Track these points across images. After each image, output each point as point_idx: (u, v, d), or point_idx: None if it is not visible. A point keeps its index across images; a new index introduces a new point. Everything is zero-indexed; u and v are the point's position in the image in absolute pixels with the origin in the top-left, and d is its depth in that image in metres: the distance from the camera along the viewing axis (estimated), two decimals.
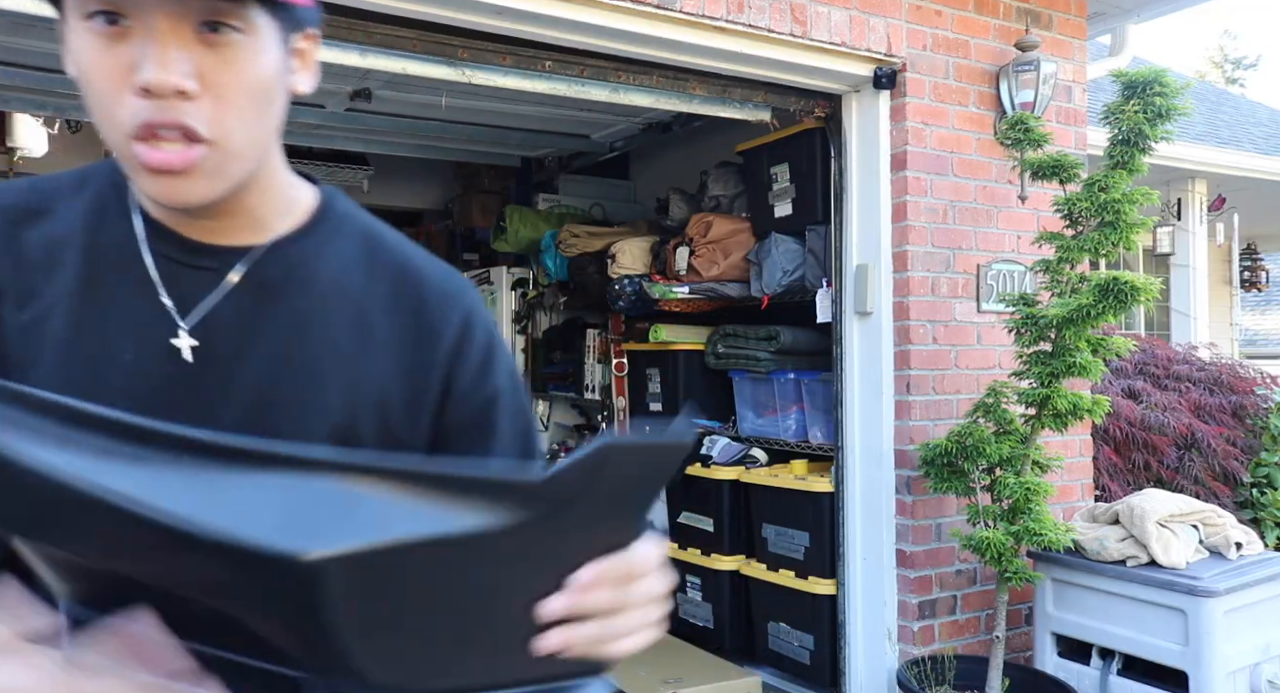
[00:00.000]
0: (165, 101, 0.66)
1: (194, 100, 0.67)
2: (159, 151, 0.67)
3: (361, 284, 0.80)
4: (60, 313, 0.72)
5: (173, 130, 0.67)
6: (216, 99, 0.68)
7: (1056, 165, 2.73)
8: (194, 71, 0.66)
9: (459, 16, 2.45)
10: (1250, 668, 2.65)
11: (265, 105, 0.71)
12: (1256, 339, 11.45)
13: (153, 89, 0.65)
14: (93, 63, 0.67)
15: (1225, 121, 7.28)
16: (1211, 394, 4.24)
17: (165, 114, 0.66)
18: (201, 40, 0.67)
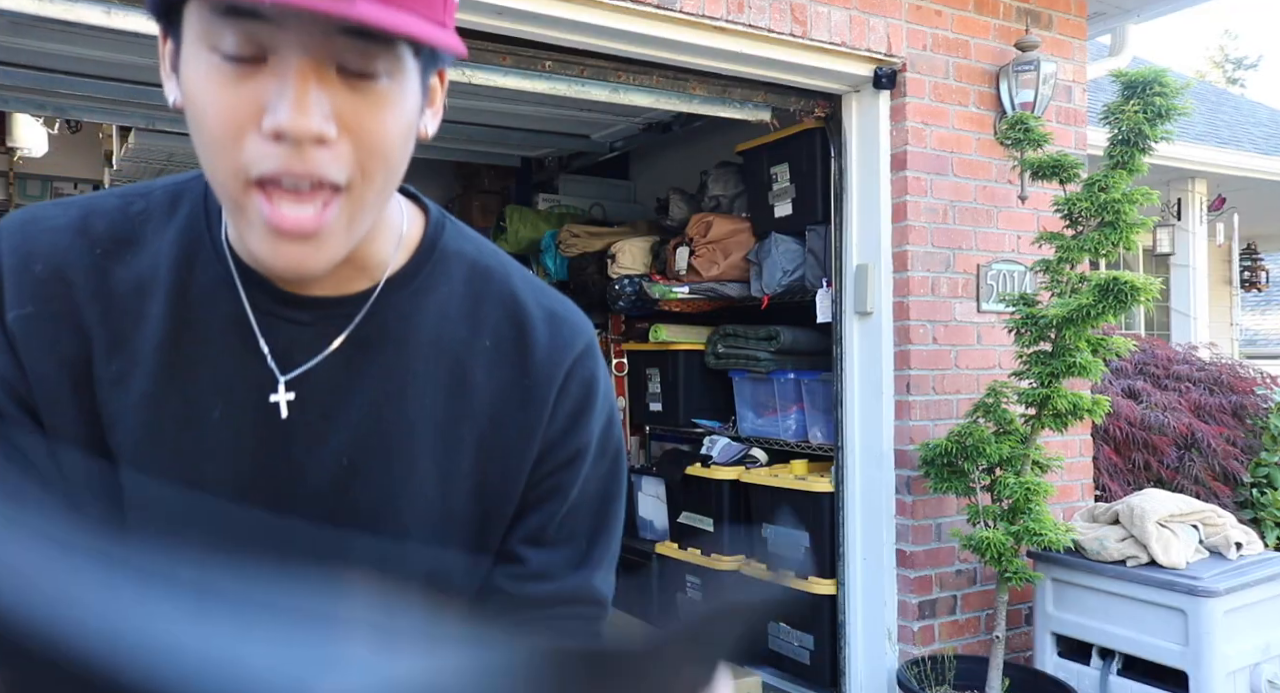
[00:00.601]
0: (300, 150, 0.58)
1: (331, 148, 0.58)
2: (289, 212, 0.59)
3: (464, 335, 0.73)
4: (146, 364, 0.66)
5: (304, 181, 0.58)
6: (357, 143, 0.60)
7: (1056, 165, 2.73)
8: (334, 114, 0.58)
9: (459, 16, 2.44)
10: (1250, 668, 2.65)
11: (404, 155, 0.64)
12: (1256, 339, 11.45)
13: (289, 134, 0.57)
14: (214, 98, 0.58)
15: (1225, 121, 7.28)
16: (1211, 394, 4.24)
17: (298, 164, 0.58)
18: (344, 83, 0.59)
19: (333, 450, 0.68)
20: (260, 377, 0.67)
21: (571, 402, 0.74)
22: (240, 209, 0.60)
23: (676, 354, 4.07)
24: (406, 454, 0.70)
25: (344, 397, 0.69)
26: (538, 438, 0.73)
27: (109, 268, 0.67)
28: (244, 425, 0.67)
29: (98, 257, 0.67)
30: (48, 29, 2.79)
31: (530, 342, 0.74)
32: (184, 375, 0.67)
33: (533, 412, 0.73)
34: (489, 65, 2.71)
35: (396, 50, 0.60)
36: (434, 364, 0.71)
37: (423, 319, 0.72)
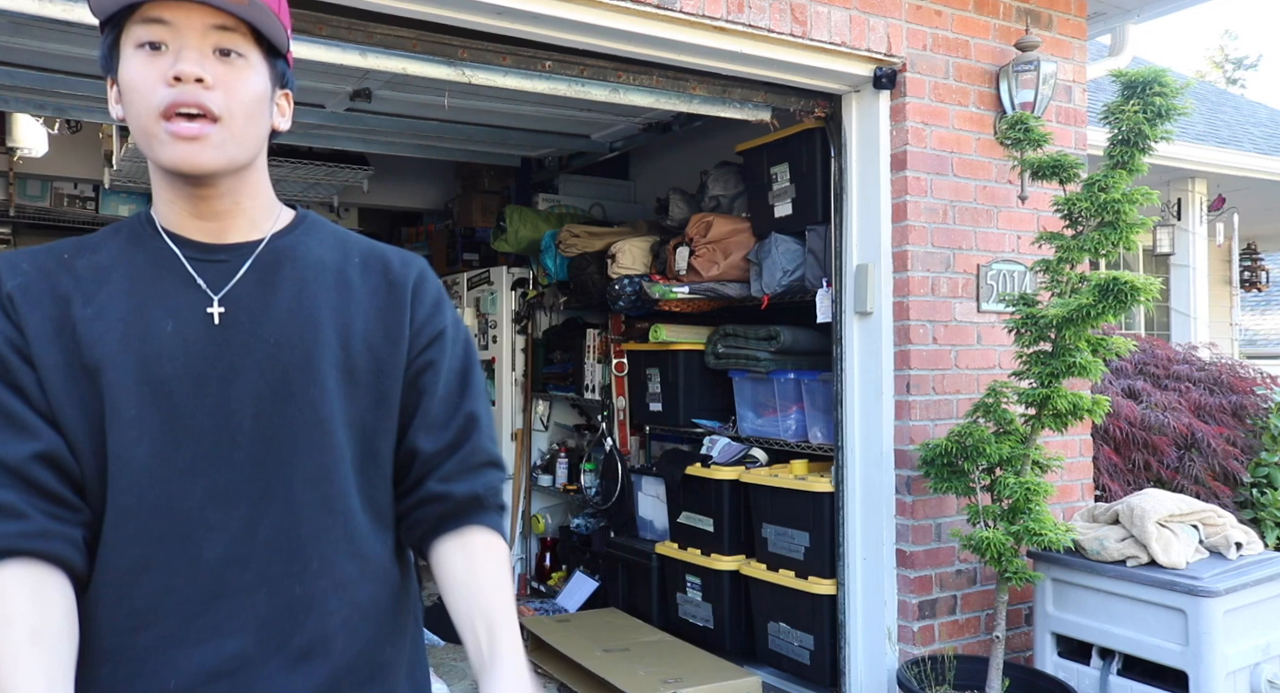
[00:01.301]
0: (188, 87, 0.93)
1: (209, 90, 0.94)
2: (183, 124, 0.94)
3: (339, 259, 1.08)
4: (116, 306, 0.98)
5: (191, 108, 0.93)
6: (225, 92, 0.95)
7: (1056, 165, 2.73)
8: (210, 73, 0.94)
9: (459, 16, 2.45)
10: (1250, 668, 2.65)
11: (257, 110, 1.00)
12: (1256, 339, 11.44)
13: (182, 76, 0.93)
14: (137, 72, 0.94)
15: (1225, 121, 7.28)
16: (1211, 394, 4.24)
17: (188, 95, 0.93)
18: (217, 58, 0.96)
19: (264, 340, 1.00)
20: (198, 299, 1.00)
21: (427, 297, 1.10)
22: (155, 136, 0.95)
23: (676, 354, 4.07)
24: (316, 331, 1.02)
25: (264, 305, 1.01)
26: (407, 320, 1.07)
27: (74, 263, 1.00)
28: (191, 334, 0.98)
29: (64, 260, 1.01)
30: (48, 29, 2.79)
31: (386, 259, 1.10)
32: (143, 307, 0.98)
33: (399, 299, 1.08)
34: (489, 65, 2.71)
35: (248, 42, 0.97)
36: (321, 274, 1.05)
37: (306, 251, 1.06)
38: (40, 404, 0.93)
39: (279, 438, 0.98)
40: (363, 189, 5.20)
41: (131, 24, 0.95)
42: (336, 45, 2.47)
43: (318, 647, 0.98)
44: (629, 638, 3.73)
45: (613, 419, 4.55)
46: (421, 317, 1.08)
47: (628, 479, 4.38)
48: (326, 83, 3.63)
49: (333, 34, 2.43)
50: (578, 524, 4.72)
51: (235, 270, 1.01)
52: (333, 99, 3.91)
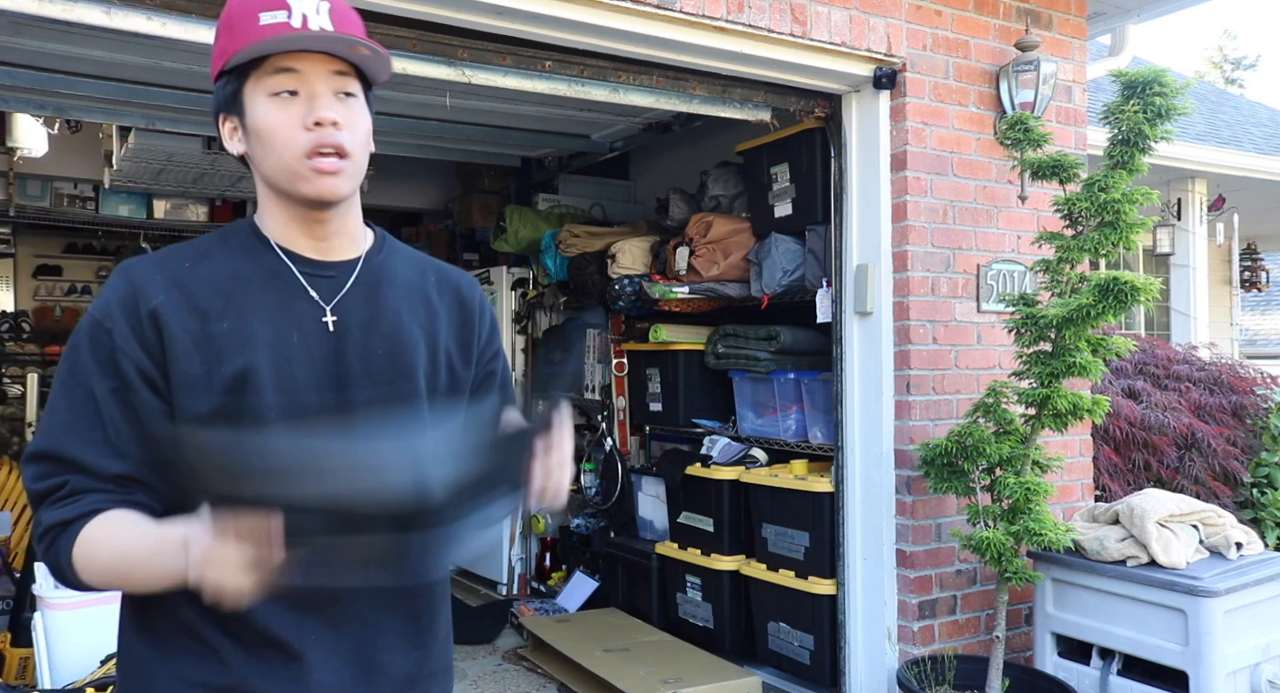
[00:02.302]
0: (327, 130, 1.07)
1: (340, 131, 1.08)
2: (326, 162, 1.07)
3: (420, 278, 1.23)
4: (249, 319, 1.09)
5: (330, 148, 1.07)
6: (350, 131, 1.09)
7: (1056, 165, 2.73)
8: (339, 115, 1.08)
9: (459, 16, 2.45)
10: (1250, 668, 2.65)
11: (368, 142, 1.15)
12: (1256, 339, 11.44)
13: (322, 122, 1.06)
14: (277, 118, 1.07)
15: (1225, 121, 7.28)
16: (1212, 394, 4.24)
17: (328, 138, 1.07)
18: (339, 100, 1.09)
19: (374, 347, 1.14)
20: (314, 310, 1.13)
21: (488, 318, 1.29)
22: (299, 173, 1.08)
23: (676, 354, 4.07)
24: (411, 342, 1.17)
25: (372, 319, 1.15)
26: (476, 338, 1.25)
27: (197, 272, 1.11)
28: (313, 342, 1.11)
29: (188, 269, 1.11)
30: (48, 29, 2.79)
31: (457, 281, 1.27)
32: (272, 318, 1.10)
33: (470, 320, 1.25)
34: (489, 65, 2.71)
35: (357, 83, 1.12)
36: (411, 293, 1.21)
37: (395, 270, 1.21)
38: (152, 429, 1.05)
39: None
40: (363, 189, 5.18)
41: (261, 73, 1.07)
42: None
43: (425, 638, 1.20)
44: (629, 638, 3.73)
45: (613, 419, 4.55)
46: (485, 336, 1.26)
47: (628, 479, 4.38)
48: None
49: None
50: (578, 524, 4.72)
51: (342, 285, 1.15)
52: None
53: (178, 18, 2.27)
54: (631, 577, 4.21)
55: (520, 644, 4.10)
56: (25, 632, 2.92)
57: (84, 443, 1.03)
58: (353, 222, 1.18)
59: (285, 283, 1.12)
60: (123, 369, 1.04)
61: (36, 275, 7.84)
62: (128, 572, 1.01)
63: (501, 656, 4.00)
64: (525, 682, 3.71)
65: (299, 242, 1.14)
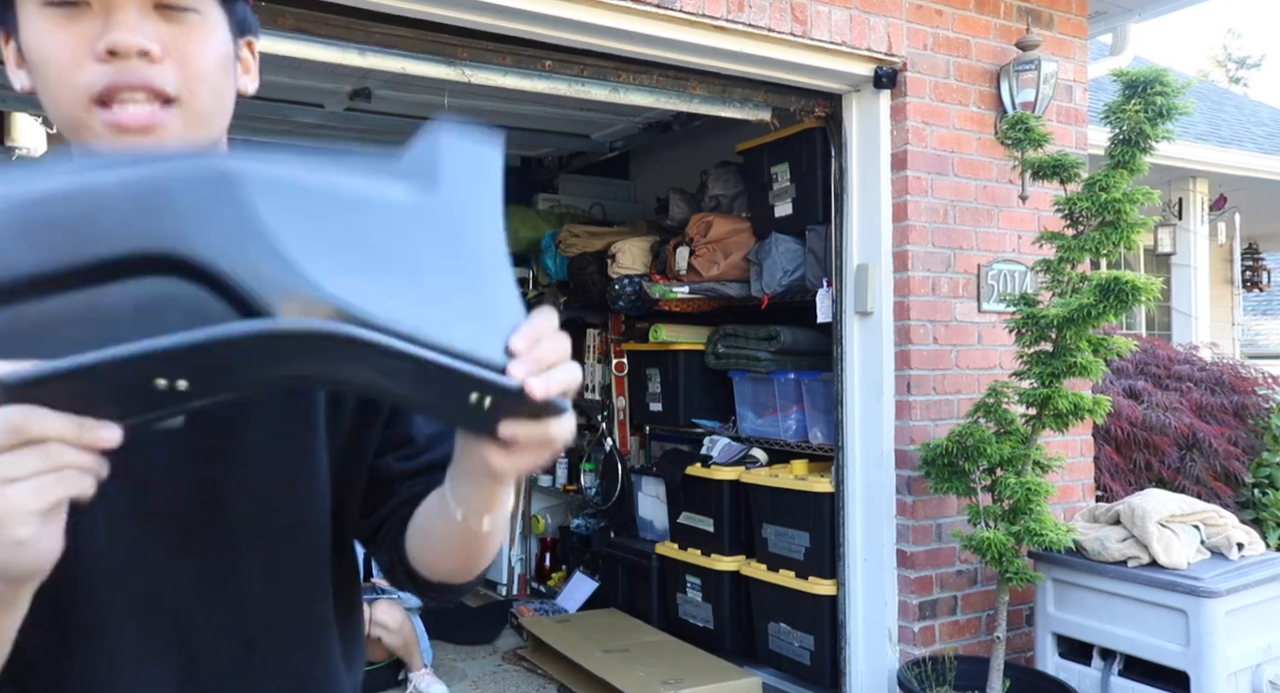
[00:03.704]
0: (129, 63, 0.68)
1: (158, 63, 0.69)
2: (129, 110, 0.68)
3: None
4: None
5: (139, 92, 0.68)
6: (181, 64, 0.70)
7: (1057, 165, 2.72)
8: (155, 37, 0.69)
9: (459, 16, 2.45)
10: (1252, 669, 2.64)
11: (223, 78, 0.74)
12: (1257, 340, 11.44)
13: (118, 50, 0.67)
14: (49, 40, 0.68)
15: (1226, 121, 7.27)
16: (1213, 394, 4.23)
17: (131, 75, 0.68)
18: (161, 15, 0.70)
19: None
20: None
21: None
22: (85, 126, 0.69)
23: (676, 354, 4.07)
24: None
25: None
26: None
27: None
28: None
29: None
30: None
31: None
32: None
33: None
34: (489, 65, 2.70)
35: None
36: None
37: None
38: None
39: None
40: None
41: None
42: (335, 45, 2.47)
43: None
44: (629, 639, 3.73)
45: (613, 419, 4.54)
46: None
47: (628, 479, 4.38)
48: (326, 82, 3.63)
49: (332, 33, 2.42)
50: (578, 524, 4.72)
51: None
52: (332, 99, 3.91)
53: None
54: (631, 577, 4.21)
55: (520, 645, 4.10)
56: None
57: None
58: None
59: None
60: None
61: None
62: None
63: (501, 656, 4.00)
64: (525, 683, 3.71)
65: None
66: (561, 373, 0.60)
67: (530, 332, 0.60)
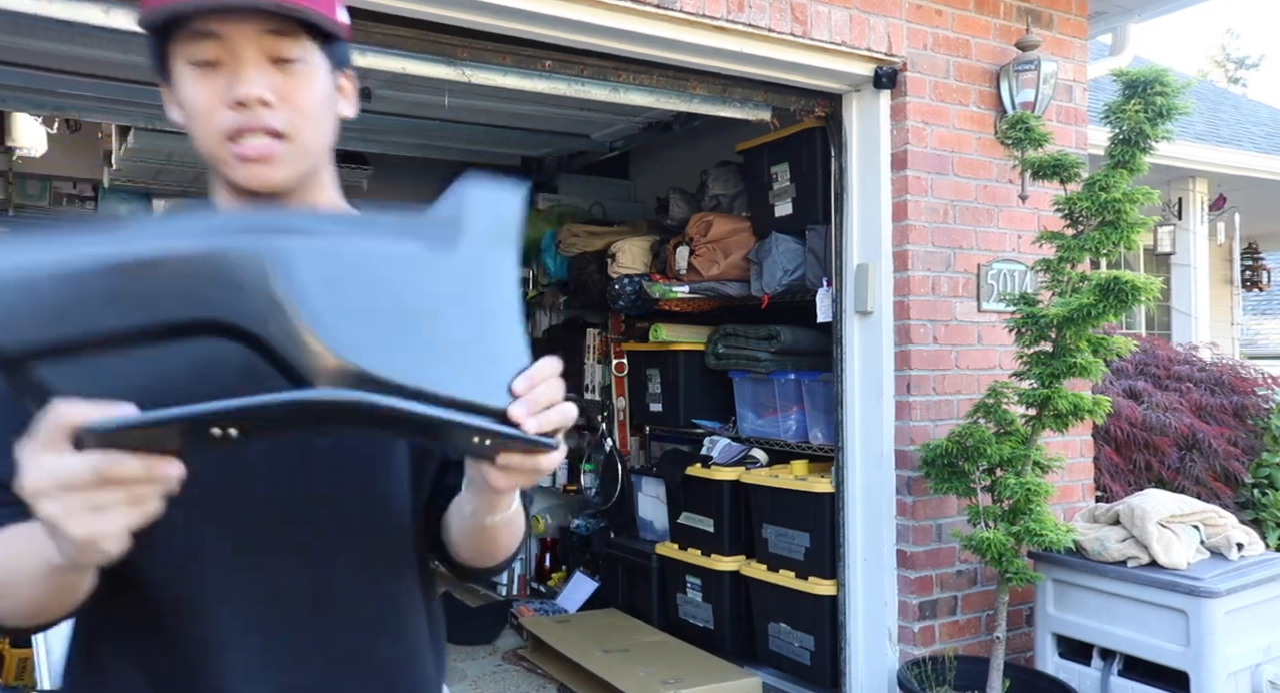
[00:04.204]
0: (251, 111, 0.87)
1: (273, 109, 0.88)
2: (249, 144, 0.88)
3: None
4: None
5: (257, 132, 0.88)
6: (290, 107, 0.90)
7: (1057, 165, 2.73)
8: (270, 88, 0.88)
9: (459, 16, 2.45)
10: (1251, 669, 2.64)
11: (323, 115, 0.94)
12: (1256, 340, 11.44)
13: (243, 100, 0.87)
14: (196, 94, 0.88)
15: (1226, 121, 7.28)
16: (1213, 394, 4.24)
17: (252, 120, 0.88)
18: (275, 67, 0.89)
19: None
20: None
21: None
22: (222, 158, 0.90)
23: (676, 354, 4.07)
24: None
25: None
26: None
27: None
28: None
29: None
30: (47, 28, 2.79)
31: None
32: None
33: None
34: (489, 65, 2.70)
35: (303, 41, 0.90)
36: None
37: None
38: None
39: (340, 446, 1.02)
40: (362, 189, 5.19)
41: (180, 37, 0.88)
42: None
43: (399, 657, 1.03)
44: (629, 639, 3.73)
45: (613, 419, 4.54)
46: None
47: (628, 479, 4.38)
48: None
49: None
50: (578, 525, 4.72)
51: None
52: None
53: None
54: (631, 577, 4.21)
55: (520, 645, 4.10)
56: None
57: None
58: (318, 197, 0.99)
59: None
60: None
61: None
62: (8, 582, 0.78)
63: (501, 656, 4.00)
64: (525, 682, 3.71)
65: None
66: (555, 414, 0.74)
67: (530, 377, 0.73)
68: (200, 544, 0.87)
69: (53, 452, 0.62)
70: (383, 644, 0.96)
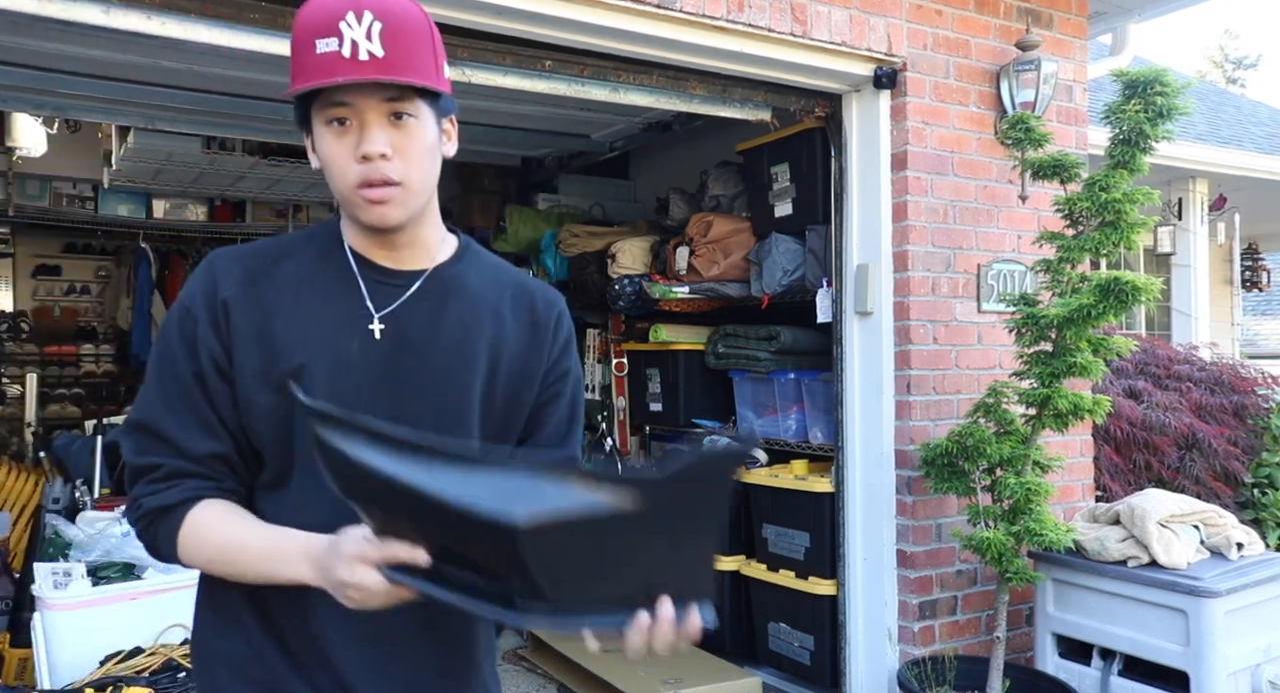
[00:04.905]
0: (375, 164, 1.08)
1: (390, 162, 1.09)
2: (374, 192, 1.09)
3: (495, 293, 1.23)
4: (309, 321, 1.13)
5: (378, 183, 1.09)
6: (403, 159, 1.10)
7: (1057, 165, 2.73)
8: (389, 143, 1.08)
9: (459, 16, 2.45)
10: (1251, 669, 2.64)
11: (430, 162, 1.13)
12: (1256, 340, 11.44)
13: (369, 155, 1.07)
14: (331, 148, 1.10)
15: (1226, 121, 7.28)
16: (1213, 394, 4.24)
17: (374, 173, 1.08)
18: (393, 125, 1.09)
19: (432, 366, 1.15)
20: (366, 318, 1.15)
21: (562, 337, 1.27)
22: (354, 202, 1.11)
23: (676, 354, 4.07)
24: (472, 358, 1.18)
25: (435, 332, 1.17)
26: (545, 356, 1.24)
27: (275, 270, 1.16)
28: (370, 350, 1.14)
29: (269, 267, 1.16)
30: (47, 28, 2.78)
31: (533, 298, 1.26)
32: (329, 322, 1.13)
33: (541, 337, 1.24)
34: (489, 65, 2.70)
35: (415, 102, 1.10)
36: (482, 306, 1.21)
37: (468, 282, 1.22)
38: (226, 413, 1.12)
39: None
40: None
41: (319, 102, 1.09)
42: None
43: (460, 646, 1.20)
44: None
45: (613, 419, 4.54)
46: (555, 355, 1.25)
47: None
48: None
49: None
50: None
51: (401, 294, 1.17)
52: None
53: (177, 17, 2.27)
54: None
55: (520, 645, 4.10)
56: (25, 632, 2.91)
57: (175, 421, 1.11)
58: (426, 232, 1.19)
59: (348, 288, 1.16)
60: (201, 355, 1.11)
61: (35, 275, 7.83)
62: (233, 563, 1.09)
63: (501, 656, 4.00)
64: (525, 682, 3.71)
65: (373, 251, 1.18)
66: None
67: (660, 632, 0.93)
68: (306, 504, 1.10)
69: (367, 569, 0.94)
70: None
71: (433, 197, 1.18)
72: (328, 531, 1.04)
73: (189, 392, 1.12)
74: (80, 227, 6.51)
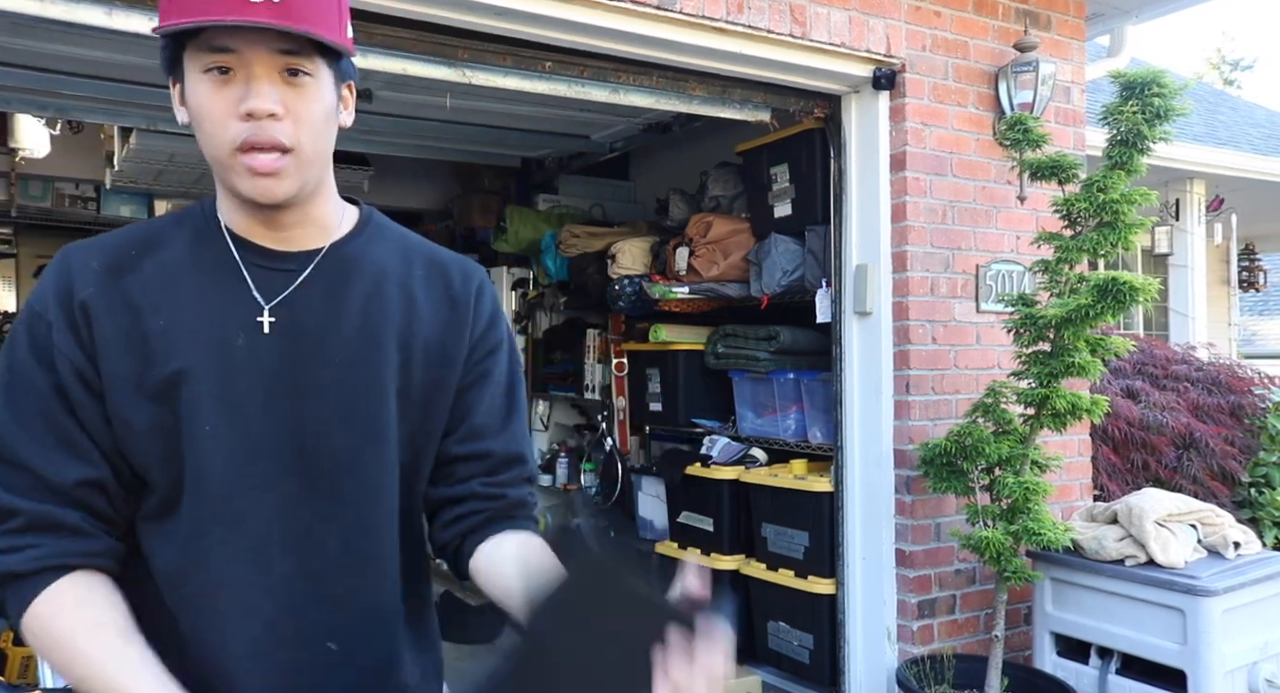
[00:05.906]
0: (261, 123, 0.92)
1: (279, 122, 0.93)
2: (259, 159, 0.93)
3: (402, 269, 1.07)
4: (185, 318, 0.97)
5: (265, 144, 0.93)
6: (295, 121, 0.94)
7: (1055, 166, 2.74)
8: (279, 101, 0.92)
9: (459, 17, 2.46)
10: (1248, 667, 2.66)
11: (325, 128, 0.98)
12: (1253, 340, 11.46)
13: (255, 113, 0.91)
14: (207, 100, 0.92)
15: (1223, 122, 7.29)
16: (1210, 394, 4.25)
17: (261, 134, 0.92)
18: (284, 81, 0.93)
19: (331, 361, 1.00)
20: (253, 309, 0.99)
21: (486, 310, 1.11)
22: (232, 168, 0.94)
23: (676, 354, 4.08)
24: (380, 344, 1.02)
25: (334, 320, 1.01)
26: (467, 334, 1.09)
27: (142, 262, 0.99)
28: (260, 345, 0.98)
29: (133, 258, 0.99)
30: (49, 30, 2.80)
31: (448, 271, 1.11)
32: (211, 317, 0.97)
33: (461, 315, 1.08)
34: (489, 66, 2.71)
35: (312, 59, 0.94)
36: (386, 286, 1.05)
37: (371, 259, 1.05)
38: (96, 431, 0.95)
39: (343, 455, 1.00)
40: (363, 189, 5.20)
41: (196, 44, 0.92)
42: None
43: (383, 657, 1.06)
44: None
45: (613, 419, 4.55)
46: (479, 332, 1.10)
47: (628, 479, 4.39)
48: None
49: None
50: (577, 524, 4.72)
51: (293, 280, 1.00)
52: None
53: None
54: None
55: None
56: None
57: (35, 445, 0.93)
58: (319, 208, 1.03)
59: (230, 276, 0.99)
60: (60, 366, 0.93)
61: (38, 276, 7.84)
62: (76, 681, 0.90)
63: None
64: None
65: (254, 230, 1.00)
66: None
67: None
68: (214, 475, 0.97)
69: None
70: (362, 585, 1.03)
71: (327, 169, 1.03)
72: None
73: (49, 409, 0.93)
74: (83, 227, 6.50)
